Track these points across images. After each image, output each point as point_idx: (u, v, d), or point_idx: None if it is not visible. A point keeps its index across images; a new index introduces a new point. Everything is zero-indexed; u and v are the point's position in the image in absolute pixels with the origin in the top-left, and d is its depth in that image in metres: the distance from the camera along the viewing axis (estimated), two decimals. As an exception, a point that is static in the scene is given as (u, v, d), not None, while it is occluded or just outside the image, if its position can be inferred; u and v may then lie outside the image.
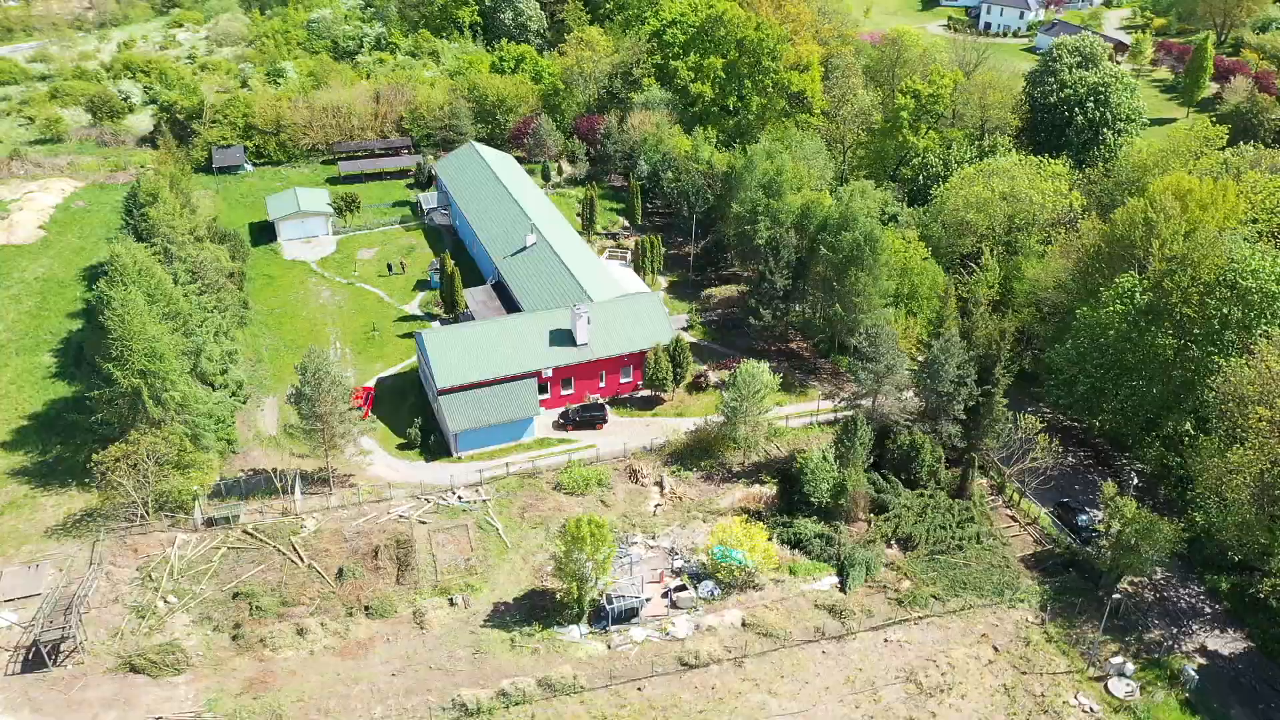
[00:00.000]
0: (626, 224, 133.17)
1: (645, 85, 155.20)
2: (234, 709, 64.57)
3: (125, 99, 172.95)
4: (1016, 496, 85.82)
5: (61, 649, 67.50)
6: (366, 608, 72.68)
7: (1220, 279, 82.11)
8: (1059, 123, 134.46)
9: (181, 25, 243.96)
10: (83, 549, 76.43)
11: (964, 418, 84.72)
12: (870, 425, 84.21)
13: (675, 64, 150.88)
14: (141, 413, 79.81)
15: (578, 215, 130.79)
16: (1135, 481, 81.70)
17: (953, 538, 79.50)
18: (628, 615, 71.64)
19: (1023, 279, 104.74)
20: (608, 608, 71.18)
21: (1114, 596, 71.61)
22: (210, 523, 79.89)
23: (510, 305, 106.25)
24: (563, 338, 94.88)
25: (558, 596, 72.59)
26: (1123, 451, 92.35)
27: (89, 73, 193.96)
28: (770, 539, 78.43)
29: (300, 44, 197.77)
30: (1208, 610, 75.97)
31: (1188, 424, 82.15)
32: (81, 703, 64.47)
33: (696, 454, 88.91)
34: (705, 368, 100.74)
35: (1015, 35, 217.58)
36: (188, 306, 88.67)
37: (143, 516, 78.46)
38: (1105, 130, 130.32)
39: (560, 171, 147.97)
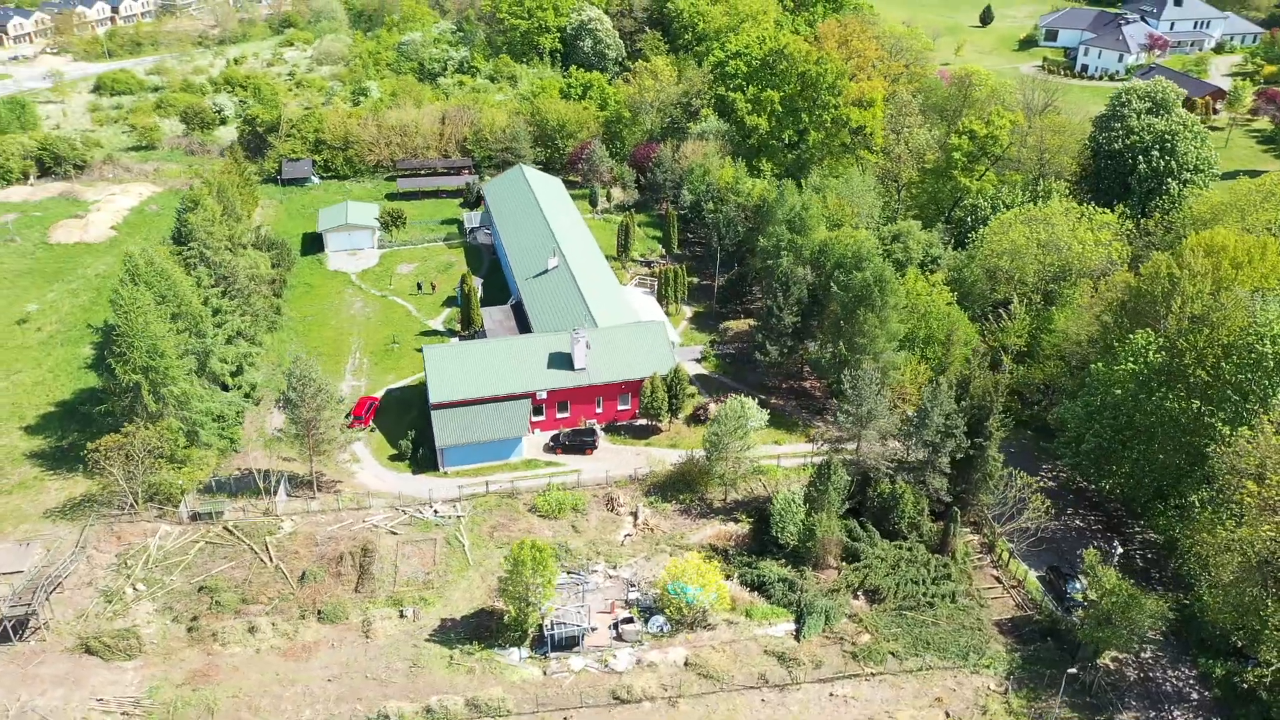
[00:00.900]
0: (664, 252, 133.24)
1: (703, 116, 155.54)
2: (173, 698, 66.70)
3: (219, 111, 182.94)
4: (1006, 556, 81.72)
5: (29, 625, 71.04)
6: (319, 612, 74.19)
7: (1239, 342, 76.86)
8: (1122, 170, 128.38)
9: (292, 44, 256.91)
10: (73, 532, 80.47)
11: (949, 470, 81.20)
12: (851, 471, 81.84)
13: (733, 96, 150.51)
14: (141, 407, 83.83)
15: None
16: (1119, 550, 76.72)
17: (924, 594, 76.16)
18: (568, 643, 71.06)
19: (1052, 330, 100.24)
20: (547, 634, 70.77)
21: (1070, 671, 67.16)
22: (195, 517, 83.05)
23: (526, 326, 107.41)
24: (562, 361, 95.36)
25: (503, 618, 72.58)
26: (1136, 519, 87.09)
27: (194, 86, 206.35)
28: (730, 578, 77.03)
29: (389, 65, 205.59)
30: (1195, 696, 70.51)
31: (1194, 496, 76.62)
32: (35, 678, 67.68)
33: (678, 487, 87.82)
34: (708, 401, 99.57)
35: (1112, 79, 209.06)
36: (201, 309, 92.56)
37: (132, 506, 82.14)
38: (1170, 180, 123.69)
39: (609, 198, 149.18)
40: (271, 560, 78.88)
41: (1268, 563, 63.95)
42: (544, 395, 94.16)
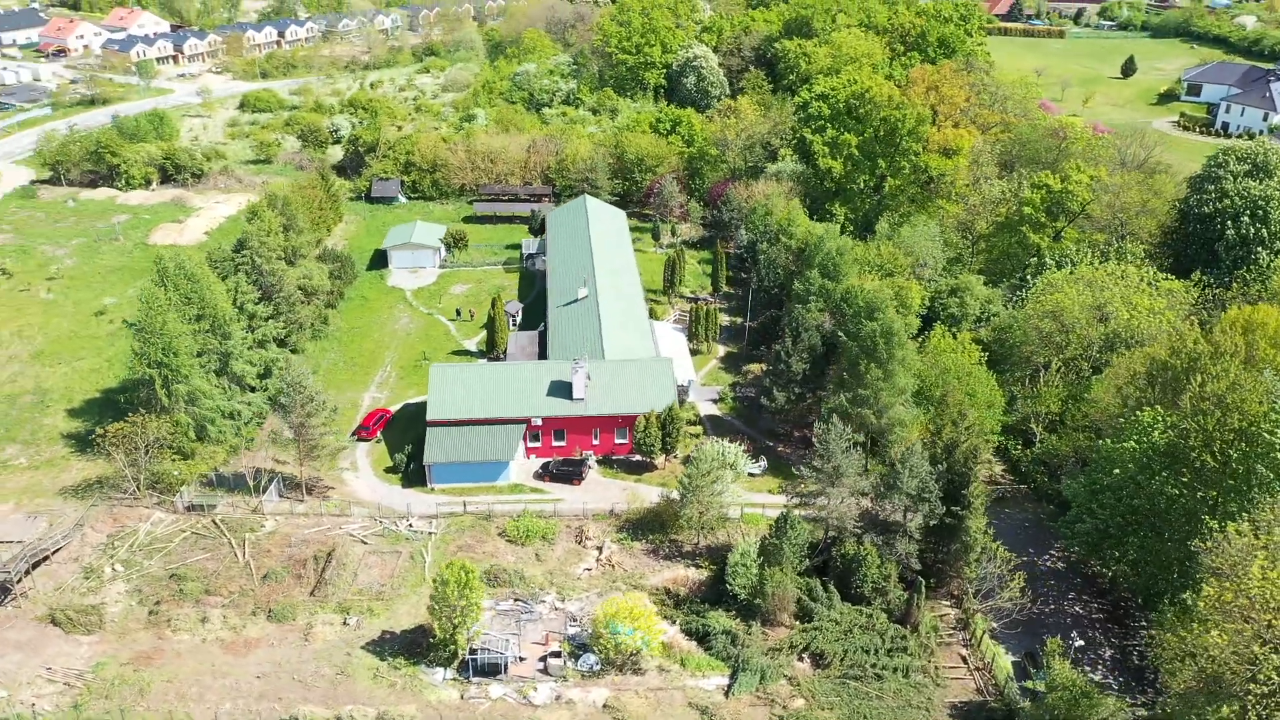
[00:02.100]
0: (712, 290, 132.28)
1: (782, 156, 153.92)
2: (114, 676, 70.30)
3: (334, 131, 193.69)
4: (979, 635, 76.36)
5: (11, 592, 76.50)
6: (270, 610, 76.75)
7: (1251, 428, 69.71)
8: (1210, 236, 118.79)
9: (428, 71, 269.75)
10: (79, 510, 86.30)
11: (920, 538, 76.82)
12: (820, 527, 78.69)
13: (812, 137, 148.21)
14: (156, 400, 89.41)
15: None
16: (1079, 643, 70.32)
17: (873, 664, 72.05)
18: (491, 669, 70.95)
19: (1085, 400, 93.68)
20: (469, 658, 70.86)
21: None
22: (191, 508, 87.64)
23: (547, 353, 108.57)
24: (562, 389, 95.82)
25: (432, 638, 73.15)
26: (1145, 611, 79.79)
27: (324, 106, 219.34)
28: (674, 623, 75.26)
29: (501, 94, 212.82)
30: (1155, 814, 63.94)
31: (1185, 594, 69.64)
32: (1, 641, 72.81)
33: (652, 526, 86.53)
34: (706, 441, 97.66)
35: (1252, 139, 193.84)
36: (230, 312, 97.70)
37: (134, 492, 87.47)
38: (1260, 249, 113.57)
39: (674, 233, 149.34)
40: (243, 556, 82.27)
41: (1220, 679, 57.28)
42: (539, 422, 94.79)
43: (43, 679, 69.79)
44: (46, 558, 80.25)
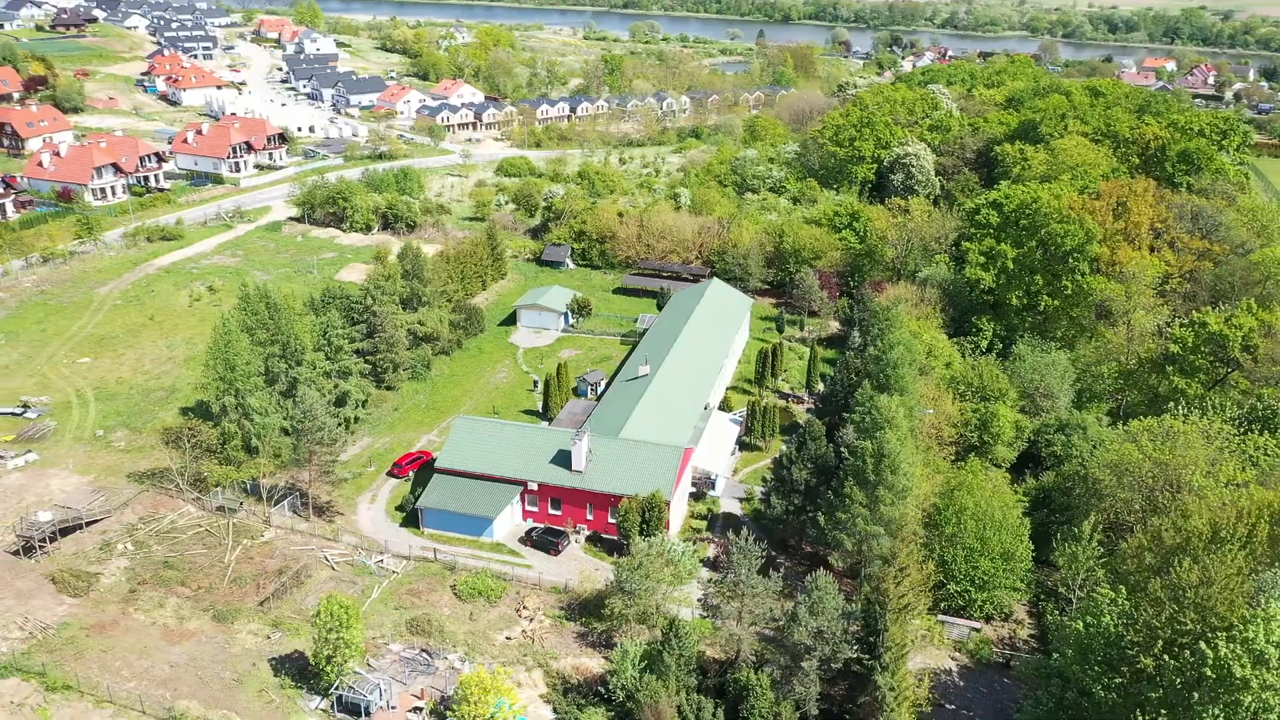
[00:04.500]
0: (806, 388, 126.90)
1: (935, 261, 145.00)
2: (69, 637, 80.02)
3: (549, 196, 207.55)
4: (871, 808, 67.13)
5: (40, 548, 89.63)
6: (216, 611, 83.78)
7: (1213, 633, 56.58)
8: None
9: (680, 151, 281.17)
10: (132, 493, 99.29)
11: (815, 679, 69.00)
12: (732, 643, 73.30)
13: (968, 245, 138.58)
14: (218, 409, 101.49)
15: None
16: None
17: (723, 806, 65.77)
18: (353, 709, 72.78)
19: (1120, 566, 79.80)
20: (334, 693, 73.19)
21: None
22: (220, 509, 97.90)
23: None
24: (565, 459, 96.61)
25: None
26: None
27: (561, 175, 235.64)
28: (554, 709, 73.26)
29: (716, 177, 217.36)
30: None
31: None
32: (7, 586, 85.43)
33: (593, 610, 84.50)
34: (698, 536, 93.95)
35: None
36: (307, 341, 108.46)
37: (178, 485, 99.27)
38: None
39: (802, 326, 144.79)
40: (228, 558, 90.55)
41: None
42: (535, 486, 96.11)
43: (16, 625, 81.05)
44: (81, 525, 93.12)
